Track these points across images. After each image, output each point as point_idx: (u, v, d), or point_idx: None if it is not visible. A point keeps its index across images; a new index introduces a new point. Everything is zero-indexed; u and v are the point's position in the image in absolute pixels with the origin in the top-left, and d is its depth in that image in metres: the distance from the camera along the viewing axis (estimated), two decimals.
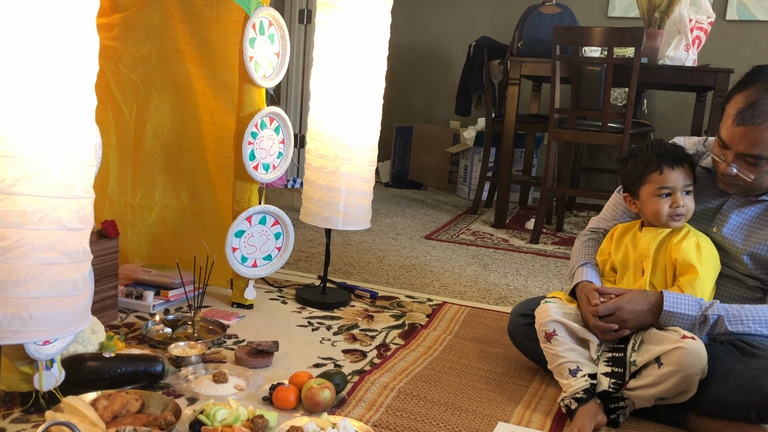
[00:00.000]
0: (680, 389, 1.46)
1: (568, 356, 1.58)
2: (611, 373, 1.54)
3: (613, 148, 4.80)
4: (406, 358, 1.85)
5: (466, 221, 3.97)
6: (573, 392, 1.54)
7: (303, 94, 4.70)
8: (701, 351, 1.43)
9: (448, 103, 5.22)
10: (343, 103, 2.14)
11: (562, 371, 1.59)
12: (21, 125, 1.03)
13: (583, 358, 1.58)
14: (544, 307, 1.65)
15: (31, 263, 1.05)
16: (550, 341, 1.61)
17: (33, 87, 1.03)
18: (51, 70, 1.04)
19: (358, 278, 2.62)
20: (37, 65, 1.03)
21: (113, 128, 2.27)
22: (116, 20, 2.20)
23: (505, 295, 2.55)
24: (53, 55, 1.04)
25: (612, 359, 1.56)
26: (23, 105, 1.02)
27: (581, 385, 1.53)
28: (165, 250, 2.34)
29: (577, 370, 1.56)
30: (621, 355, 1.55)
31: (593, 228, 1.86)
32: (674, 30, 3.51)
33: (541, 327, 1.63)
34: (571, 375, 1.56)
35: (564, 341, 1.60)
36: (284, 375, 1.67)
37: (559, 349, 1.59)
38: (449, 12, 5.34)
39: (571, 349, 1.59)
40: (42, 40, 1.03)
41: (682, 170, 1.58)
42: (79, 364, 1.50)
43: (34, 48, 1.02)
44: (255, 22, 1.96)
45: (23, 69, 1.02)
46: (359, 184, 2.21)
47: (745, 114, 1.47)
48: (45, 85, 1.04)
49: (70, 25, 1.06)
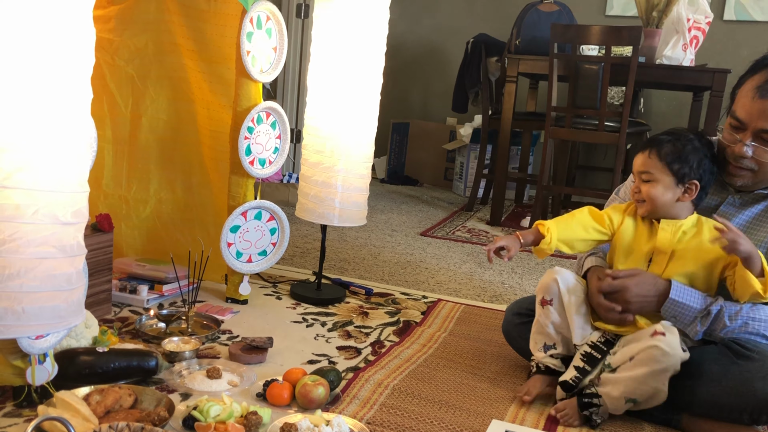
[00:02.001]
0: (649, 386, 1.45)
1: (550, 330, 1.63)
2: (581, 368, 1.56)
3: (609, 147, 4.81)
4: (401, 355, 1.85)
5: (462, 218, 3.97)
6: (541, 361, 1.64)
7: (299, 89, 4.69)
8: (672, 348, 1.42)
9: (445, 100, 5.21)
10: (341, 99, 2.13)
11: (538, 341, 1.66)
12: (15, 118, 1.02)
13: (560, 338, 1.63)
14: (553, 270, 1.65)
15: (24, 257, 1.04)
16: (542, 307, 1.65)
17: (28, 80, 1.02)
18: (47, 63, 1.03)
19: (353, 274, 2.62)
20: (33, 58, 1.02)
21: (108, 121, 2.26)
22: (112, 12, 2.18)
23: (500, 293, 2.55)
24: (49, 47, 1.03)
25: (588, 356, 1.57)
26: (18, 98, 1.01)
27: (546, 362, 1.63)
28: (160, 244, 2.33)
29: (552, 347, 1.64)
30: (599, 356, 1.55)
31: None
32: (672, 29, 3.51)
33: (541, 289, 1.66)
34: (543, 349, 1.65)
35: (554, 314, 1.63)
36: (278, 371, 1.66)
37: (545, 320, 1.64)
38: (446, 8, 5.33)
39: (556, 325, 1.63)
40: (38, 33, 1.02)
41: (641, 156, 1.57)
42: (72, 358, 1.49)
43: (30, 40, 1.01)
44: (252, 16, 1.94)
45: (18, 61, 1.01)
46: (355, 180, 2.20)
47: (765, 87, 1.47)
48: (41, 78, 1.03)
49: (67, 18, 1.05)
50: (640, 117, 4.60)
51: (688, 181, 1.53)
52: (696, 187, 1.54)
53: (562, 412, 1.54)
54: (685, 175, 1.53)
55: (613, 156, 4.76)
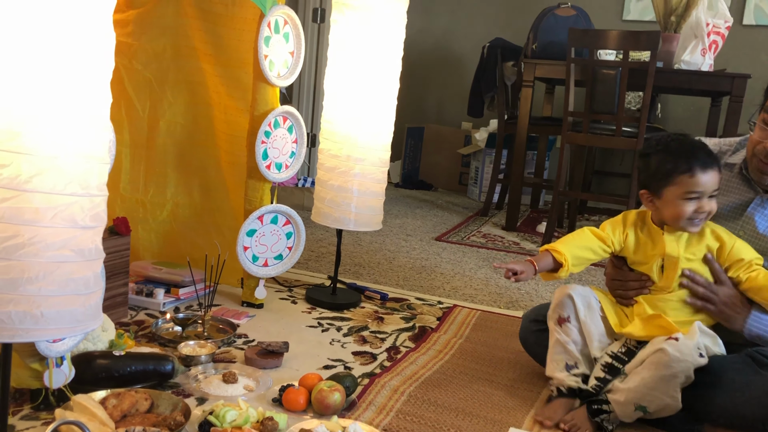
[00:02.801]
0: (657, 392, 1.43)
1: (571, 349, 1.59)
2: (602, 378, 1.54)
3: (626, 152, 4.77)
4: (417, 361, 1.83)
5: (477, 223, 3.95)
6: (562, 383, 1.58)
7: (315, 93, 4.69)
8: (683, 353, 1.41)
9: (460, 104, 5.19)
10: (357, 104, 2.13)
11: (558, 361, 1.60)
12: (35, 121, 1.02)
13: (582, 355, 1.59)
14: (566, 287, 1.62)
15: (43, 261, 1.04)
16: (560, 326, 1.61)
17: (49, 83, 1.02)
18: (67, 67, 1.03)
19: (368, 279, 2.61)
20: (54, 61, 1.02)
21: (126, 125, 2.27)
22: (131, 16, 2.19)
23: (516, 299, 2.53)
24: (70, 51, 1.03)
25: (609, 366, 1.55)
26: (38, 101, 1.01)
27: (569, 383, 1.57)
28: (176, 247, 2.34)
29: (574, 366, 1.59)
30: (620, 366, 1.53)
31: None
32: (691, 34, 3.48)
33: (557, 308, 1.62)
34: (566, 369, 1.59)
35: (574, 331, 1.59)
36: (294, 376, 1.66)
37: (564, 337, 1.59)
38: (463, 13, 5.32)
39: (575, 342, 1.59)
40: (59, 37, 1.02)
41: (713, 173, 1.49)
42: (89, 361, 1.50)
43: (51, 44, 1.01)
44: (270, 20, 1.95)
45: (39, 65, 1.01)
46: (371, 184, 2.20)
47: None
48: (61, 82, 1.03)
49: (87, 22, 1.05)
50: (658, 122, 4.56)
51: None
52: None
53: (570, 423, 1.51)
54: None
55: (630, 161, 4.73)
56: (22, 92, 1.01)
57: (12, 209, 1.02)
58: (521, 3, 5.05)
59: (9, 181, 1.01)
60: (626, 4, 4.79)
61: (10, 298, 1.03)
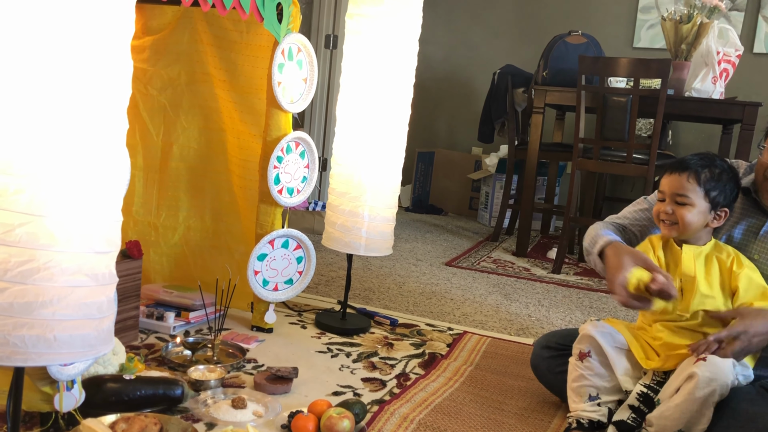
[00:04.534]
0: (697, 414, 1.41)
1: (594, 381, 1.57)
2: (636, 408, 1.52)
3: (636, 179, 4.76)
4: (427, 388, 1.82)
5: (487, 249, 3.94)
6: (581, 416, 1.55)
7: (327, 118, 4.73)
8: (713, 372, 1.39)
9: (471, 130, 5.22)
10: (369, 130, 2.14)
11: (582, 393, 1.58)
12: (52, 147, 1.03)
13: (607, 386, 1.57)
14: (590, 323, 1.62)
15: (57, 285, 1.05)
16: (582, 361, 1.59)
17: (67, 109, 1.04)
18: (84, 93, 1.05)
19: (378, 304, 2.61)
20: (72, 88, 1.04)
21: (140, 149, 2.30)
22: (147, 43, 2.23)
23: (526, 326, 2.52)
24: (87, 78, 1.05)
25: (644, 397, 1.52)
26: (55, 127, 1.03)
27: (592, 415, 1.55)
28: (187, 271, 2.35)
29: (596, 397, 1.57)
30: (654, 395, 1.51)
31: (609, 221, 1.81)
32: (701, 62, 3.49)
33: (578, 344, 1.61)
34: (589, 399, 1.57)
35: (595, 365, 1.58)
36: (303, 402, 1.65)
37: (587, 371, 1.58)
38: (473, 39, 5.36)
39: (599, 375, 1.58)
40: (77, 64, 1.04)
41: (675, 177, 1.56)
42: (99, 385, 1.50)
43: (69, 70, 1.03)
44: (284, 47, 1.97)
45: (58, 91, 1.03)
46: (382, 210, 2.20)
47: None
48: (78, 108, 1.05)
49: (106, 50, 1.07)
50: (668, 149, 4.56)
51: (720, 208, 1.55)
52: (725, 214, 1.57)
53: None
54: (719, 204, 1.54)
55: (641, 188, 4.72)
56: (39, 118, 1.03)
57: (28, 234, 1.03)
58: (532, 30, 5.09)
59: (26, 206, 1.03)
60: (637, 31, 4.82)
61: (24, 321, 1.04)
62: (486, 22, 5.31)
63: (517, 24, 5.20)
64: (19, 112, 1.02)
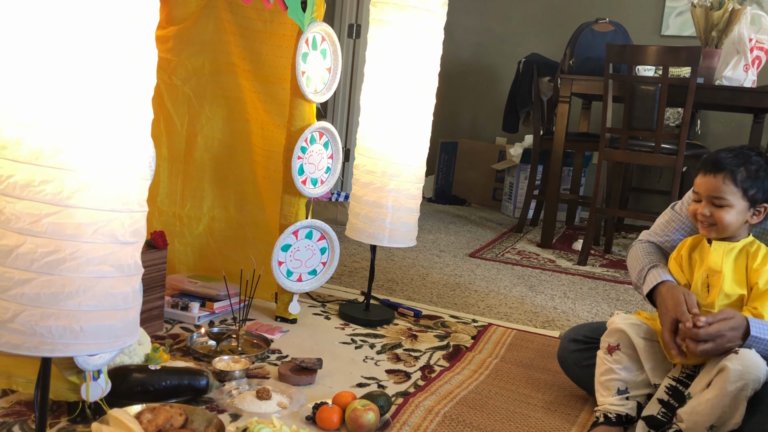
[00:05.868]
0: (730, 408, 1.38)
1: (622, 375, 1.55)
2: (666, 402, 1.49)
3: (664, 169, 4.69)
4: (451, 381, 1.81)
5: (511, 240, 3.91)
6: (608, 410, 1.54)
7: (350, 107, 4.71)
8: (745, 365, 1.36)
9: (495, 119, 5.17)
10: (393, 120, 2.12)
11: (610, 386, 1.56)
12: (78, 138, 1.03)
13: (636, 380, 1.55)
14: (618, 317, 1.59)
15: (83, 276, 1.05)
16: (611, 354, 1.57)
17: (92, 100, 1.03)
18: (110, 85, 1.04)
19: (401, 295, 2.59)
20: (97, 79, 1.03)
21: (164, 139, 2.30)
22: (171, 33, 2.23)
23: (552, 319, 2.49)
24: (112, 68, 1.04)
25: (673, 390, 1.50)
26: (81, 118, 1.03)
27: (620, 409, 1.53)
28: (212, 261, 2.35)
29: (625, 391, 1.55)
30: (684, 389, 1.48)
31: (646, 239, 1.78)
32: (733, 50, 3.41)
33: (607, 337, 1.59)
34: (617, 393, 1.55)
35: (624, 358, 1.55)
36: (327, 394, 1.64)
37: (616, 365, 1.56)
38: (498, 27, 5.30)
39: (628, 369, 1.55)
40: (103, 55, 1.03)
41: (710, 179, 1.50)
42: (124, 375, 1.50)
43: (94, 61, 1.03)
44: (308, 37, 1.95)
45: (82, 82, 1.02)
46: (406, 200, 2.19)
47: None
48: (104, 99, 1.04)
49: (131, 39, 1.06)
50: (697, 138, 4.47)
51: (759, 204, 1.50)
52: (764, 209, 1.52)
53: None
54: (758, 200, 1.50)
55: (669, 178, 4.64)
56: (66, 109, 1.02)
57: (54, 224, 1.03)
58: (558, 18, 5.02)
59: (52, 197, 1.02)
60: (665, 19, 4.73)
61: (51, 312, 1.04)
62: (512, 10, 5.24)
63: (543, 12, 5.12)
64: (46, 104, 1.01)
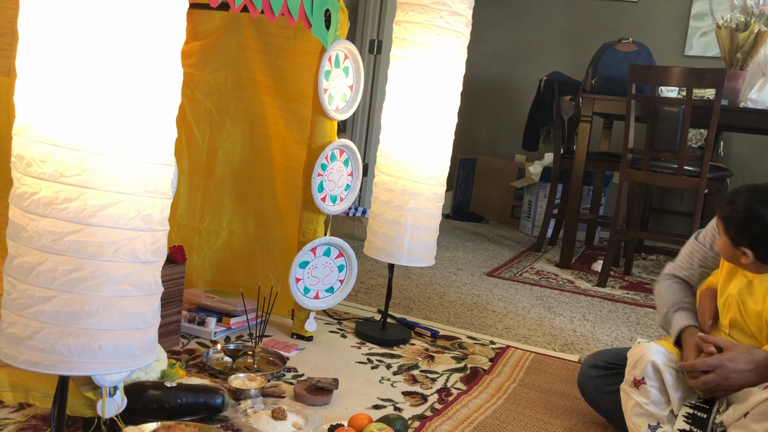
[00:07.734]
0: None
1: (651, 409, 1.50)
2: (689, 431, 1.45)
3: (686, 191, 4.64)
4: (469, 405, 1.78)
5: (530, 259, 3.87)
6: None
7: (369, 123, 4.71)
8: None
9: (514, 137, 5.15)
10: (415, 139, 2.11)
11: (640, 423, 1.51)
12: (103, 157, 1.03)
13: (665, 415, 1.50)
14: (641, 347, 1.54)
15: (103, 295, 1.05)
16: (637, 388, 1.52)
17: (117, 119, 1.03)
18: (135, 103, 1.04)
19: (418, 314, 2.57)
20: (122, 98, 1.03)
21: (185, 153, 2.31)
22: (195, 48, 2.24)
23: (571, 342, 2.45)
24: (138, 87, 1.04)
25: (693, 417, 1.46)
26: (106, 137, 1.03)
27: None
28: (229, 276, 2.35)
29: (657, 426, 1.49)
30: (704, 416, 1.45)
31: (671, 273, 1.75)
32: (758, 71, 3.37)
33: (632, 370, 1.53)
34: (649, 429, 1.49)
35: (653, 391, 1.50)
36: (343, 415, 1.63)
37: (643, 399, 1.50)
38: (520, 45, 5.29)
39: (655, 403, 1.50)
40: (128, 73, 1.03)
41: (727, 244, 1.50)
42: (140, 391, 1.50)
43: (120, 80, 1.03)
44: (331, 54, 1.95)
45: (107, 101, 1.02)
46: (426, 220, 2.17)
47: None
48: (129, 118, 1.04)
49: (157, 59, 1.06)
50: (720, 160, 4.42)
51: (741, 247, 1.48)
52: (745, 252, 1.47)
53: None
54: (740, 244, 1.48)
55: (691, 199, 4.59)
56: (90, 128, 1.02)
57: (76, 243, 1.03)
58: (581, 37, 5.00)
59: (75, 215, 1.02)
60: (689, 39, 4.70)
61: (71, 330, 1.04)
62: (534, 28, 5.24)
63: (566, 31, 5.11)
64: (71, 122, 1.01)
